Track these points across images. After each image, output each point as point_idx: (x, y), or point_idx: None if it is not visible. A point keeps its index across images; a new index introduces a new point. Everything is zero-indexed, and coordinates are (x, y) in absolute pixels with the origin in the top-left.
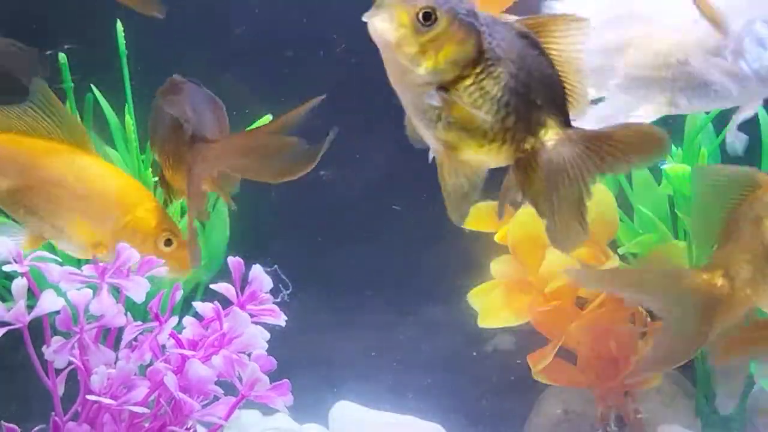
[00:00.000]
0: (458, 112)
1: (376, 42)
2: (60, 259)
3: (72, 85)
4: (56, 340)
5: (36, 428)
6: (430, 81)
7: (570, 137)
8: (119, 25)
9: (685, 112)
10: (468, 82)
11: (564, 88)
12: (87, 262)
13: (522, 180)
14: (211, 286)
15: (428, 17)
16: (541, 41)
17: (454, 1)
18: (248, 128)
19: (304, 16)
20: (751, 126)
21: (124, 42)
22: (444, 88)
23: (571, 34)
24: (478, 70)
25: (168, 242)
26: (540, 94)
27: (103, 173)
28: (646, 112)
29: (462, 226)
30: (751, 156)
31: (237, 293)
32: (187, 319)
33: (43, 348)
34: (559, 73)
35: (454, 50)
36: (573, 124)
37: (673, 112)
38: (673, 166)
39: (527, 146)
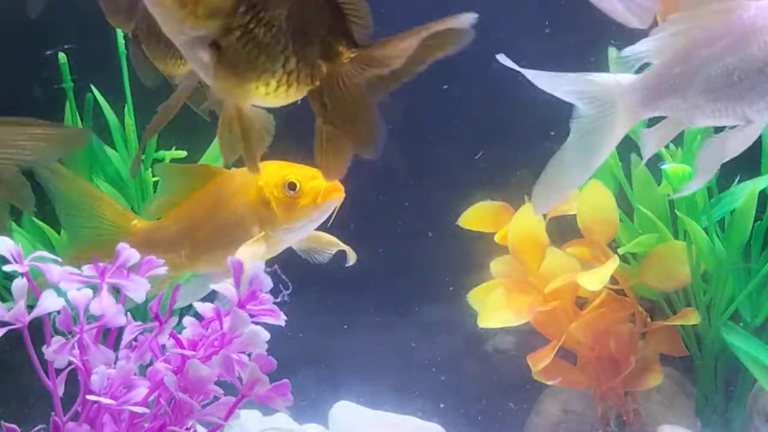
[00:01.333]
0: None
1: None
2: (59, 259)
3: (71, 84)
4: (56, 340)
5: (36, 428)
6: (196, 36)
7: (361, 56)
8: None
9: None
10: (237, 33)
11: (342, 10)
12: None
13: (320, 108)
14: (211, 286)
15: None
16: None
17: None
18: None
19: None
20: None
21: (124, 42)
22: (216, 43)
23: None
24: (246, 19)
25: (291, 186)
26: (317, 24)
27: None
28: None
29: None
30: (751, 155)
31: (237, 293)
32: (187, 319)
33: (43, 348)
34: None
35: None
36: None
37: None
38: (673, 166)
39: (317, 81)
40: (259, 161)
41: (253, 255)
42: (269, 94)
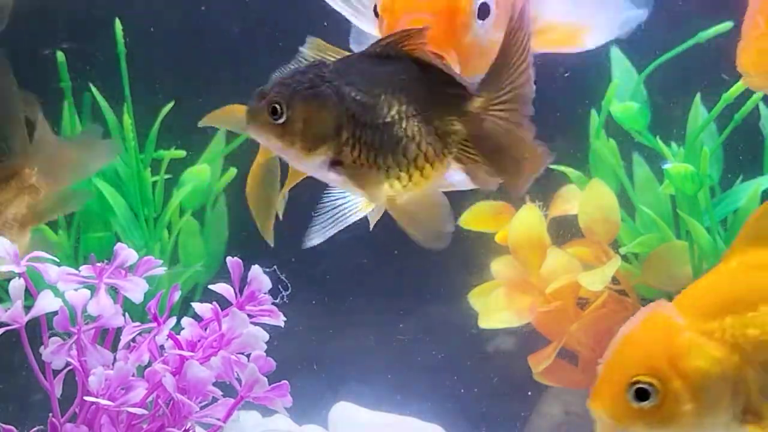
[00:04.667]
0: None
1: None
2: (57, 260)
3: (70, 84)
4: (54, 341)
5: (34, 429)
6: (312, 163)
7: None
8: (118, 25)
9: None
10: (348, 149)
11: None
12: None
13: (474, 163)
14: (210, 286)
15: (275, 111)
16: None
17: (297, 78)
18: None
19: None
20: (752, 124)
21: (123, 42)
22: (337, 161)
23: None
24: (348, 131)
25: None
26: (429, 102)
27: None
28: None
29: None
30: (754, 154)
31: (236, 294)
32: (186, 320)
33: (41, 349)
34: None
35: (310, 128)
36: None
37: None
38: (675, 165)
39: (452, 148)
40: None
41: None
42: (407, 186)
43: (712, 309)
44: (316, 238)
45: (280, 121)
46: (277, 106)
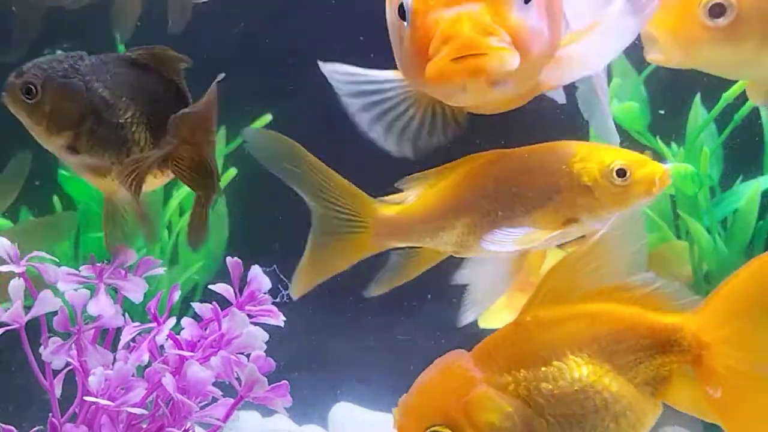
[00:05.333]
0: None
1: None
2: (57, 260)
3: None
4: (54, 341)
5: (34, 429)
6: (54, 144)
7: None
8: None
9: None
10: (86, 134)
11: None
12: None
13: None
14: (210, 286)
15: (29, 91)
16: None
17: (54, 66)
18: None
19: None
20: (753, 124)
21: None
22: (73, 147)
23: None
24: (88, 124)
25: (621, 172)
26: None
27: None
28: None
29: None
30: (754, 153)
31: (235, 294)
32: (186, 320)
33: (41, 349)
34: None
35: (56, 113)
36: None
37: None
38: (675, 165)
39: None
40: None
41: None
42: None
43: (507, 362)
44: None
45: (32, 101)
46: (32, 87)
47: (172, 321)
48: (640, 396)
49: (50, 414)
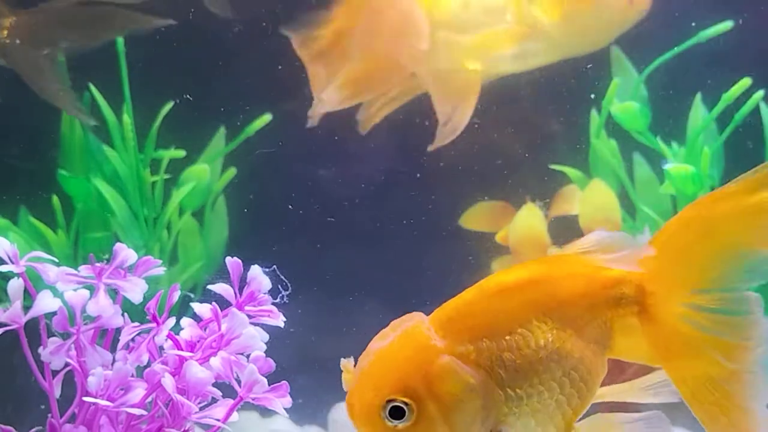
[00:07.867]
0: None
1: None
2: (56, 260)
3: (69, 83)
4: (53, 342)
5: (33, 430)
6: None
7: None
8: None
9: None
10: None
11: None
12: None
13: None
14: (209, 286)
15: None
16: None
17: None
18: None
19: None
20: (754, 124)
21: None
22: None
23: None
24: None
25: None
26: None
27: None
28: None
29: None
30: (755, 153)
31: (235, 294)
32: (185, 320)
33: (40, 349)
34: None
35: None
36: None
37: None
38: (676, 165)
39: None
40: None
41: None
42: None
43: (469, 331)
44: None
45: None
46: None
47: (172, 321)
48: (593, 357)
49: (49, 414)
